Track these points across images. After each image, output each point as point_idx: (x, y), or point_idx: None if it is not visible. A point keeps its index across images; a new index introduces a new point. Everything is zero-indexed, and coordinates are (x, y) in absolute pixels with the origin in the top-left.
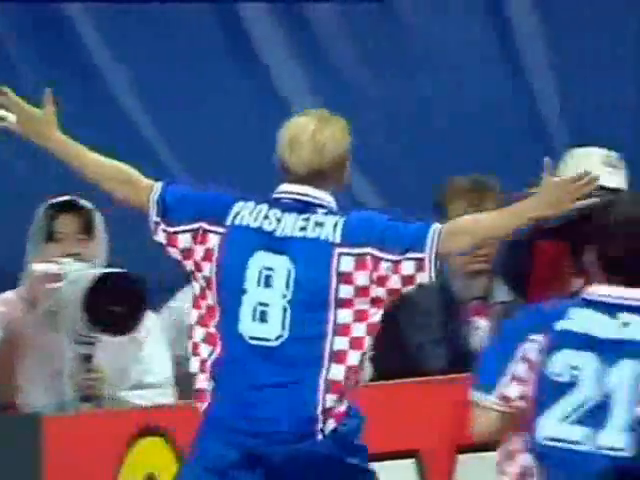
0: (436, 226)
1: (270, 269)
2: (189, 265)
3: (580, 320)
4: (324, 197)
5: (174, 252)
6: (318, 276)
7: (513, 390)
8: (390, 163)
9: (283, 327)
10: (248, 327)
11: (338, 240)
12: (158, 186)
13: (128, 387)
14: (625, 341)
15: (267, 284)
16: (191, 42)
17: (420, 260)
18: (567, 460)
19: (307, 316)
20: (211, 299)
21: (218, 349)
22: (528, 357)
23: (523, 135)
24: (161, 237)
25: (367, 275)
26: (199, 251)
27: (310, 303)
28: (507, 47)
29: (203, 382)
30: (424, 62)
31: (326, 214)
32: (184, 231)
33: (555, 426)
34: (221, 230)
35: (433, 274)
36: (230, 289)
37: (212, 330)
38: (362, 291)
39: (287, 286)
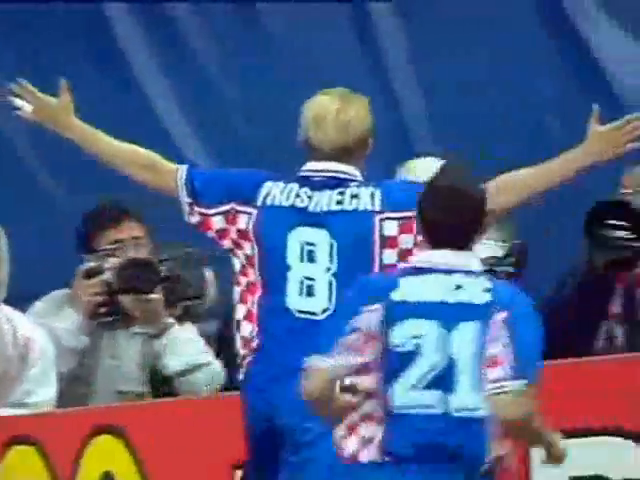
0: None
1: (312, 244)
2: (226, 244)
3: (415, 288)
4: (353, 171)
5: (209, 232)
6: (361, 245)
7: (347, 358)
8: (248, 162)
9: (330, 300)
10: (296, 301)
11: (378, 208)
12: (183, 169)
13: (5, 404)
14: (461, 304)
15: (310, 259)
16: (55, 42)
17: None
18: (420, 424)
19: None
20: (252, 276)
21: (256, 326)
22: (361, 327)
23: (387, 143)
24: (197, 218)
25: (412, 237)
26: (233, 231)
27: (354, 275)
28: (369, 50)
29: (247, 358)
30: (283, 63)
31: (359, 186)
32: (217, 213)
33: (406, 394)
34: (251, 210)
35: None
36: (273, 267)
37: (250, 307)
38: (406, 254)
39: (330, 260)
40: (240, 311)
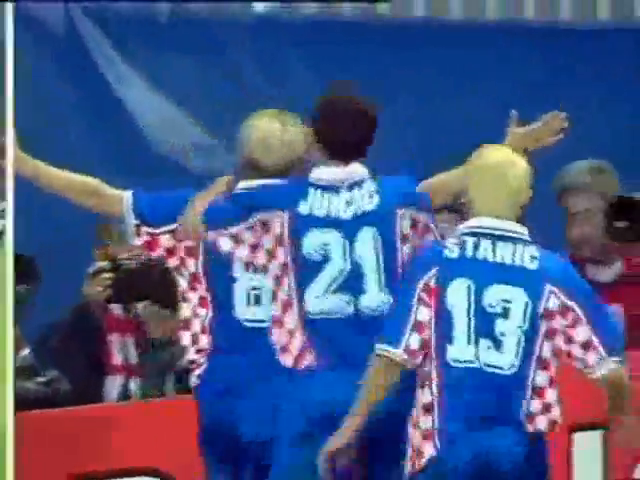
0: None
1: None
2: (173, 262)
3: (317, 202)
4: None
5: (157, 251)
6: None
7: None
8: None
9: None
10: (242, 311)
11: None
12: (128, 194)
13: None
14: (360, 215)
15: (255, 271)
16: None
17: None
18: (335, 328)
19: None
20: (202, 291)
21: (209, 338)
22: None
23: None
24: (145, 238)
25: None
26: (182, 248)
27: None
28: None
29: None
30: None
31: None
32: (165, 232)
33: (318, 299)
34: None
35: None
36: (220, 279)
37: (203, 320)
38: None
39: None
40: (196, 324)
